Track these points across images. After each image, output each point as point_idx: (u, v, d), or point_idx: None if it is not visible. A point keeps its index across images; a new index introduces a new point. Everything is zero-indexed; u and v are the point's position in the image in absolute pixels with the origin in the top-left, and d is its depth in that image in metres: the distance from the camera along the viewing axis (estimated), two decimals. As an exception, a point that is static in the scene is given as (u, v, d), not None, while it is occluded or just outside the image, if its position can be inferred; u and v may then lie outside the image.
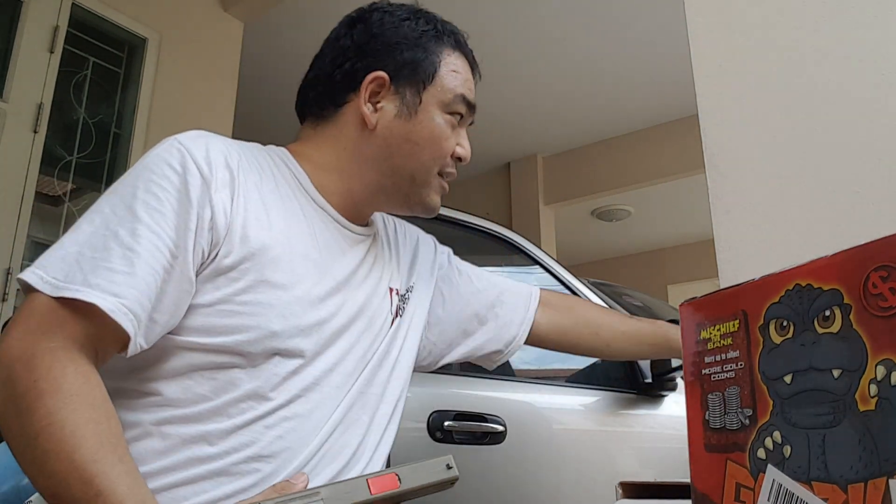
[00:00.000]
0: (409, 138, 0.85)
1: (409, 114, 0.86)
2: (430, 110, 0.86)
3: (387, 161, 0.86)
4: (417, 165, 0.86)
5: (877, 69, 0.80)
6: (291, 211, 0.81)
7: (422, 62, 0.87)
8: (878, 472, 0.38)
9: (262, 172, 0.81)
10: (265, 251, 0.74)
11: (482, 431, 1.61)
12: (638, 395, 1.78)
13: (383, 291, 0.90)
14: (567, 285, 1.91)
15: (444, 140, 0.86)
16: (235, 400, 0.72)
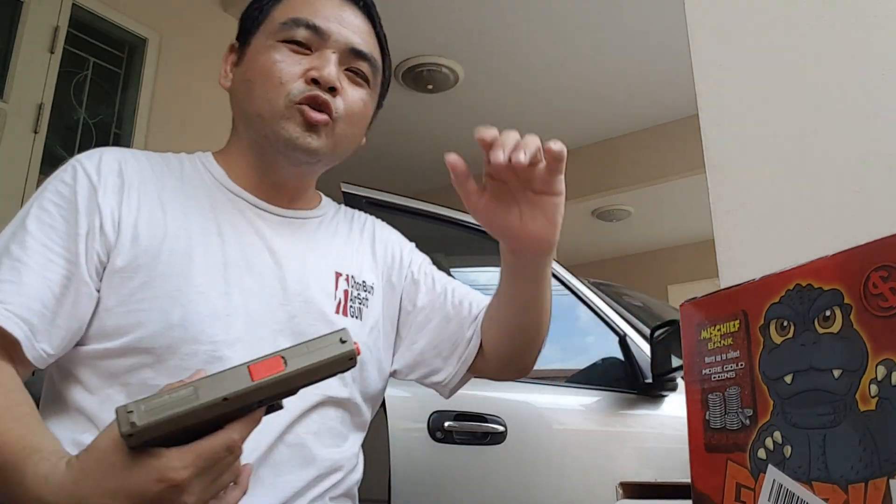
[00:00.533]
0: (243, 79, 0.84)
1: (242, 59, 0.86)
2: (259, 46, 0.84)
3: (240, 111, 0.86)
4: (258, 101, 0.82)
5: (877, 69, 0.80)
6: (197, 206, 0.81)
7: (251, 11, 0.88)
8: (878, 472, 0.38)
9: (167, 176, 0.83)
10: (158, 247, 0.75)
11: (482, 432, 1.61)
12: (638, 396, 1.78)
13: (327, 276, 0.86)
14: (567, 285, 1.91)
15: (271, 65, 0.81)
16: None
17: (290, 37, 0.82)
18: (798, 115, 0.84)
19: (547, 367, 2.07)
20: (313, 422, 0.79)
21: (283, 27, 0.83)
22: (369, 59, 0.86)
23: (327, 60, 0.82)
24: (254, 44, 0.85)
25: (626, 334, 1.84)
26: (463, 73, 3.76)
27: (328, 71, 0.81)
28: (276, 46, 0.82)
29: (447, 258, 2.16)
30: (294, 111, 0.80)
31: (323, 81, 0.81)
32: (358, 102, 0.85)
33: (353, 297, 0.87)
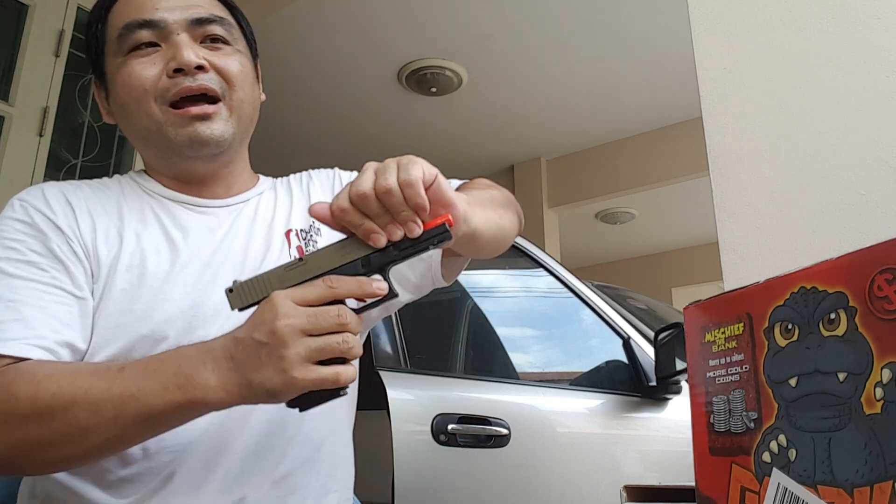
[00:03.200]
0: (118, 104, 0.82)
1: (108, 88, 0.84)
2: (112, 70, 0.82)
3: (133, 136, 0.85)
4: (138, 119, 0.80)
5: (881, 71, 0.80)
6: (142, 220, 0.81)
7: (91, 41, 0.85)
8: (883, 475, 0.38)
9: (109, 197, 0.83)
10: (116, 263, 0.76)
11: (486, 434, 1.60)
12: (642, 399, 1.77)
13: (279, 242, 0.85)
14: (571, 288, 1.90)
15: (130, 80, 0.79)
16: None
17: (133, 44, 0.80)
18: (802, 118, 0.84)
19: (551, 369, 2.07)
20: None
21: (120, 40, 0.80)
22: (215, 19, 0.83)
23: (179, 45, 0.78)
24: (108, 70, 0.83)
25: (629, 337, 1.84)
26: (466, 75, 3.76)
27: (185, 54, 0.78)
28: (126, 61, 0.80)
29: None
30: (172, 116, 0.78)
31: (186, 67, 0.78)
32: (234, 65, 0.82)
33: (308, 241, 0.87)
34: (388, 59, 3.61)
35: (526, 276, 2.08)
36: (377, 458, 1.51)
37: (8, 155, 2.40)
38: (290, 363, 0.57)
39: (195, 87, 0.78)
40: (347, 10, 3.20)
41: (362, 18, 3.25)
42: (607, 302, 1.92)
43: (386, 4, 3.19)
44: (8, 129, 2.42)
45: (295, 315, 0.58)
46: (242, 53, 0.86)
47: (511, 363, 1.99)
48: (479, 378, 1.80)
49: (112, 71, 0.82)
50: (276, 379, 0.57)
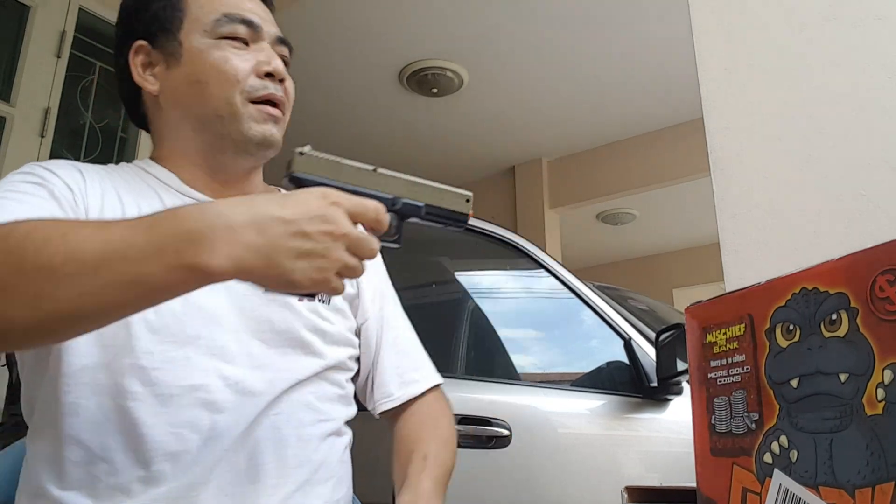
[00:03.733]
0: (190, 80, 0.82)
1: (177, 60, 0.83)
2: (195, 45, 0.82)
3: (189, 115, 0.83)
4: (214, 101, 0.81)
5: (882, 72, 0.80)
6: (150, 208, 0.78)
7: (163, 9, 0.85)
8: (885, 476, 0.38)
9: (119, 181, 0.82)
10: None
11: (487, 435, 1.60)
12: (643, 399, 1.77)
13: None
14: (572, 289, 1.90)
15: (223, 63, 0.80)
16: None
17: (229, 33, 0.82)
18: (803, 118, 0.84)
19: (552, 370, 2.07)
20: (288, 403, 0.78)
21: (217, 24, 0.82)
22: (289, 44, 0.88)
23: (271, 54, 0.83)
24: (187, 43, 0.82)
25: (631, 338, 1.84)
26: (467, 76, 3.77)
27: (277, 63, 0.83)
28: (220, 44, 0.81)
29: (452, 261, 2.16)
30: (252, 109, 0.81)
31: (277, 74, 0.82)
32: (292, 87, 0.86)
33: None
34: (390, 59, 3.61)
35: (527, 276, 2.08)
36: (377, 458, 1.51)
37: (9, 156, 2.40)
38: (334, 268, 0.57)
39: (279, 96, 0.83)
40: (349, 11, 3.20)
41: (363, 19, 3.25)
42: (608, 303, 1.92)
43: (387, 5, 3.19)
44: (9, 130, 2.42)
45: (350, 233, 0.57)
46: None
47: (512, 364, 1.99)
48: (480, 379, 1.80)
49: (197, 46, 0.82)
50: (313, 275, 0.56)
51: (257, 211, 0.55)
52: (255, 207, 0.55)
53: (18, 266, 0.53)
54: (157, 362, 0.72)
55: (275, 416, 0.76)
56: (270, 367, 0.78)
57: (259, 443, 0.75)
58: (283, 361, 0.79)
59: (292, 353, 0.80)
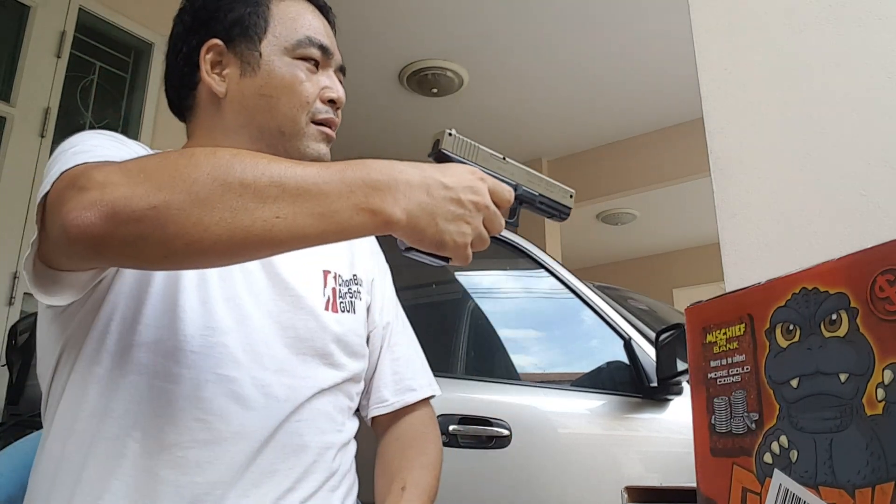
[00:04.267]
0: (261, 93, 0.83)
1: (253, 69, 0.84)
2: (274, 59, 0.84)
3: (251, 124, 0.84)
4: (280, 117, 0.83)
5: (882, 72, 0.80)
6: None
7: (249, 16, 0.85)
8: (885, 476, 0.38)
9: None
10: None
11: (487, 435, 1.60)
12: (643, 399, 1.77)
13: (313, 274, 0.87)
14: (572, 289, 1.90)
15: (297, 84, 0.83)
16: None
17: (306, 55, 0.84)
18: (803, 118, 0.84)
19: (552, 370, 2.07)
20: (310, 411, 0.80)
21: (298, 45, 0.84)
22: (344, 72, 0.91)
23: (336, 81, 0.87)
24: (267, 56, 0.84)
25: (631, 338, 1.83)
26: (467, 76, 3.77)
27: (342, 93, 0.86)
28: (296, 64, 0.84)
29: (452, 262, 2.15)
30: (313, 130, 0.84)
31: (339, 103, 0.86)
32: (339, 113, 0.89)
33: (343, 293, 0.89)
34: (390, 59, 3.61)
35: (527, 276, 2.08)
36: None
37: (9, 156, 2.40)
38: (472, 236, 0.65)
39: (336, 121, 0.87)
40: (349, 11, 3.19)
41: (364, 19, 3.25)
42: (608, 303, 1.92)
43: (387, 5, 3.19)
44: (10, 130, 2.43)
45: (490, 206, 0.66)
46: None
47: (512, 364, 1.99)
48: (480, 379, 1.80)
49: (276, 62, 0.84)
50: (457, 239, 0.63)
51: (427, 175, 0.63)
52: (426, 172, 0.63)
53: (225, 179, 0.56)
54: (196, 346, 0.74)
55: (297, 423, 0.78)
56: (292, 373, 0.79)
57: (283, 447, 0.76)
58: (304, 369, 0.81)
59: (312, 362, 0.82)
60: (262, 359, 0.78)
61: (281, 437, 0.76)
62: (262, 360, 0.77)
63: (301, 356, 0.81)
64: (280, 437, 0.76)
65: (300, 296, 0.83)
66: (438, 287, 2.09)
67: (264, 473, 0.74)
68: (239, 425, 0.73)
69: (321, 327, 0.83)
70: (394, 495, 0.84)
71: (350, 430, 0.87)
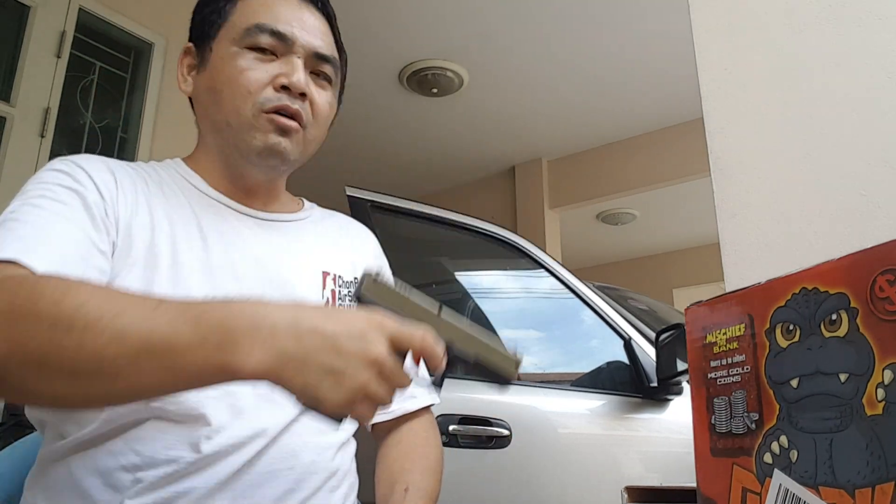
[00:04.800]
0: (208, 87, 0.83)
1: (205, 66, 0.84)
2: (222, 53, 0.82)
3: (207, 120, 0.84)
4: (226, 110, 0.81)
5: (882, 72, 0.80)
6: (179, 212, 0.80)
7: (209, 14, 0.85)
8: (885, 476, 0.38)
9: (149, 181, 0.82)
10: (148, 249, 0.75)
11: (487, 435, 1.60)
12: (643, 399, 1.77)
13: (313, 276, 0.86)
14: (572, 289, 1.90)
15: (238, 74, 0.80)
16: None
17: (254, 43, 0.81)
18: (803, 119, 0.84)
19: (552, 370, 2.07)
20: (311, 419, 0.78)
21: (246, 33, 0.81)
22: (332, 61, 0.86)
23: (295, 67, 0.81)
24: (216, 50, 0.83)
25: (631, 338, 1.84)
26: (467, 77, 3.77)
27: (297, 77, 0.81)
28: (241, 53, 0.81)
29: (452, 261, 2.16)
30: (263, 120, 0.80)
31: (294, 88, 0.80)
32: (325, 105, 0.86)
33: (342, 295, 0.87)
34: (390, 60, 3.61)
35: (527, 276, 2.08)
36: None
37: (9, 156, 2.40)
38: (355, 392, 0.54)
39: (293, 109, 0.81)
40: (349, 11, 3.19)
41: (364, 19, 3.25)
42: (608, 303, 1.92)
43: (387, 5, 3.19)
44: (9, 130, 2.42)
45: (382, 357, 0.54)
46: (335, 98, 0.89)
47: (512, 364, 1.98)
48: (480, 379, 1.80)
49: (221, 55, 0.82)
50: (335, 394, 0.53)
51: (301, 318, 0.54)
52: (301, 314, 0.54)
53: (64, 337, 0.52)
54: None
55: (296, 423, 0.77)
56: None
57: (281, 448, 0.75)
58: None
59: None
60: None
61: (280, 439, 0.76)
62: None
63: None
64: (279, 440, 0.75)
65: (296, 299, 0.81)
66: (438, 287, 2.09)
67: (263, 475, 0.74)
68: (240, 434, 0.73)
69: None
70: (396, 496, 0.83)
71: (349, 429, 0.86)
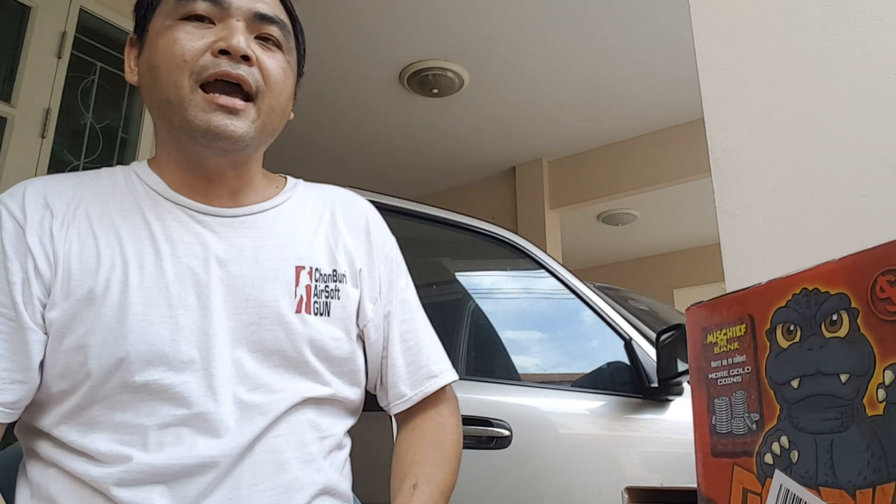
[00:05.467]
0: (148, 67, 0.77)
1: (143, 48, 0.79)
2: (158, 30, 0.77)
3: (151, 102, 0.78)
4: (164, 86, 0.75)
5: (882, 72, 0.79)
6: (129, 227, 0.76)
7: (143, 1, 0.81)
8: (886, 477, 0.38)
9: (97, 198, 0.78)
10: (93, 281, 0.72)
11: (487, 436, 1.60)
12: (644, 400, 1.77)
13: (287, 272, 0.80)
14: (573, 289, 1.90)
15: (173, 44, 0.74)
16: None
17: (188, 12, 0.76)
18: (804, 119, 0.84)
19: (552, 371, 2.07)
20: (288, 424, 0.76)
21: (179, 4, 0.76)
22: (277, 21, 0.80)
23: (234, 29, 0.75)
24: (151, 29, 0.78)
25: (631, 338, 1.84)
26: (468, 77, 3.77)
27: (237, 40, 0.74)
28: (174, 25, 0.76)
29: (452, 262, 2.16)
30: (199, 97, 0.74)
31: (233, 51, 0.74)
32: (277, 69, 0.79)
33: (319, 290, 0.81)
34: (390, 60, 3.61)
35: (527, 277, 2.08)
36: (378, 459, 1.51)
37: (10, 156, 2.40)
38: None
39: (234, 73, 0.74)
40: (349, 12, 3.20)
41: (364, 20, 3.25)
42: (609, 303, 1.92)
43: (388, 6, 3.19)
44: (10, 131, 2.43)
45: None
46: (290, 64, 0.83)
47: (513, 364, 1.99)
48: (480, 379, 1.80)
49: (156, 31, 0.77)
50: None
51: None
52: None
53: None
54: (151, 392, 0.71)
55: (275, 439, 0.74)
56: (266, 388, 0.75)
57: (260, 466, 0.73)
58: (279, 381, 0.76)
59: (286, 374, 0.77)
60: (230, 379, 0.74)
61: (257, 455, 0.73)
62: (230, 380, 0.74)
63: (274, 369, 0.76)
64: (256, 457, 0.73)
65: (263, 304, 0.77)
66: (439, 287, 2.09)
67: (243, 497, 0.71)
68: (208, 454, 0.70)
69: (289, 334, 0.77)
70: (405, 494, 0.79)
71: (341, 432, 0.82)
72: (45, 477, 0.71)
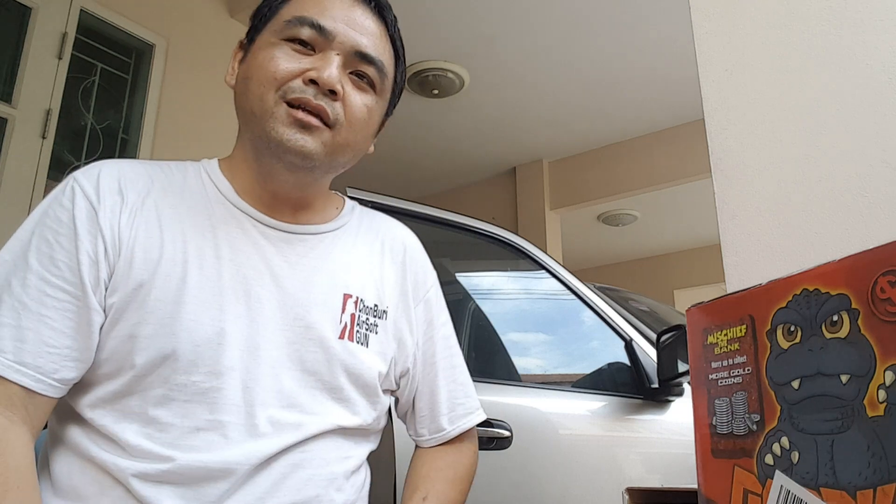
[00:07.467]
0: (244, 76, 0.80)
1: (246, 56, 0.82)
2: (262, 44, 0.80)
3: (239, 111, 0.81)
4: (252, 98, 0.78)
5: (883, 73, 0.79)
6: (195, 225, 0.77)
7: (262, 9, 0.84)
8: (886, 478, 0.38)
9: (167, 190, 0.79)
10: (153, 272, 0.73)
11: (488, 437, 1.60)
12: (644, 401, 1.77)
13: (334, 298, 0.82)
14: (573, 290, 1.90)
15: (268, 62, 0.77)
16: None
17: (293, 35, 0.78)
18: (804, 120, 0.84)
19: (553, 371, 2.07)
20: (320, 448, 0.77)
21: (287, 25, 0.79)
22: (376, 63, 0.82)
23: (329, 62, 0.77)
24: (258, 41, 0.81)
25: (632, 339, 1.84)
26: (469, 78, 3.77)
27: (328, 73, 0.76)
28: (277, 44, 0.78)
29: (453, 262, 2.16)
30: (282, 111, 0.76)
31: (321, 83, 0.76)
32: (361, 108, 0.80)
33: (361, 321, 0.83)
34: (390, 61, 3.61)
35: (528, 278, 2.08)
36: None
37: (10, 157, 2.40)
38: None
39: (314, 104, 0.76)
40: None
41: (364, 20, 3.25)
42: (609, 304, 1.92)
43: (388, 6, 3.19)
44: (11, 131, 2.43)
45: None
46: (379, 105, 0.85)
47: (513, 365, 1.99)
48: (480, 380, 1.80)
49: (260, 44, 0.80)
50: None
51: None
52: None
53: None
54: (189, 394, 0.71)
55: (300, 455, 0.75)
56: (300, 408, 0.76)
57: (282, 479, 0.74)
58: (312, 405, 0.77)
59: (321, 396, 0.78)
60: (265, 393, 0.75)
61: (281, 470, 0.74)
62: (265, 394, 0.75)
63: (309, 390, 0.77)
64: (280, 471, 0.74)
65: (309, 326, 0.78)
66: (439, 288, 2.09)
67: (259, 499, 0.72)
68: (232, 460, 0.71)
69: (329, 358, 0.79)
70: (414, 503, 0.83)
71: (363, 454, 0.84)
72: (69, 465, 0.72)
